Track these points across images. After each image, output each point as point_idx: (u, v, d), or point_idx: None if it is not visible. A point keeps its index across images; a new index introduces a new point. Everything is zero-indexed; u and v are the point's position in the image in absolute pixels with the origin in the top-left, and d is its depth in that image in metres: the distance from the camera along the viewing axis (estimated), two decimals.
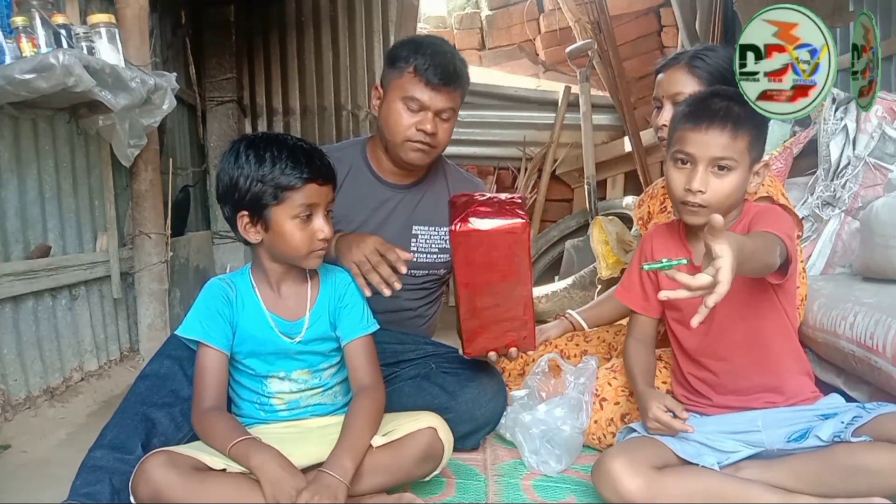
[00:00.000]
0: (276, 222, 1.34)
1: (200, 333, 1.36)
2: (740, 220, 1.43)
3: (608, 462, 1.30)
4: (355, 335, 1.45)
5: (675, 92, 1.74)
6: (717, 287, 1.03)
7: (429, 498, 1.45)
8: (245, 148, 1.34)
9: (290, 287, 1.45)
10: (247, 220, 1.35)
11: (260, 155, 1.32)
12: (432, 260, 1.83)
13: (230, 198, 1.36)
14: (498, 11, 5.72)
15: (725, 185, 1.36)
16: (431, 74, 1.63)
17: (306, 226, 1.35)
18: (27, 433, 1.91)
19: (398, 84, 1.67)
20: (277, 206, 1.33)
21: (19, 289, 2.02)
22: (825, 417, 1.33)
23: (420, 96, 1.65)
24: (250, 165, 1.32)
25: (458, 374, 1.66)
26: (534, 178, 4.84)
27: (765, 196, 1.65)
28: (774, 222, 1.34)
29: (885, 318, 1.60)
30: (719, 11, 4.34)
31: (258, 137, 1.38)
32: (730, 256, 1.03)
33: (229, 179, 1.35)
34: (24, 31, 1.84)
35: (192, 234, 3.35)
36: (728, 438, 1.38)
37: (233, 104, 3.93)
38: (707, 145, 1.35)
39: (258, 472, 1.22)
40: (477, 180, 1.94)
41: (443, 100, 1.67)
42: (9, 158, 2.07)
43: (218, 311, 1.38)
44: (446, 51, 1.69)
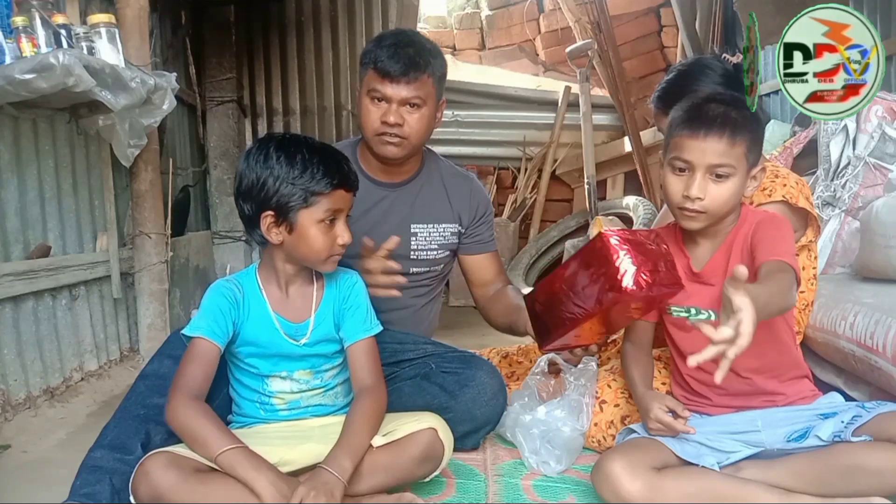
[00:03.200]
0: (302, 225, 1.34)
1: (206, 331, 1.34)
2: (739, 226, 1.42)
3: (608, 464, 1.30)
4: (359, 337, 1.45)
5: None
6: (739, 340, 1.03)
7: (429, 498, 1.45)
8: (276, 149, 1.34)
9: (298, 288, 1.45)
10: (271, 221, 1.35)
11: (291, 157, 1.33)
12: (432, 257, 1.83)
13: (255, 197, 1.35)
14: (498, 11, 5.72)
15: (723, 192, 1.35)
16: (389, 65, 1.65)
17: (329, 230, 1.36)
18: (27, 433, 1.91)
19: (365, 81, 1.70)
20: (305, 209, 1.33)
21: (19, 289, 2.03)
22: (825, 417, 1.33)
23: (381, 88, 1.66)
24: (281, 167, 1.32)
25: (458, 374, 1.65)
26: (534, 178, 4.84)
27: (780, 200, 1.63)
28: (779, 244, 1.32)
29: (884, 318, 1.60)
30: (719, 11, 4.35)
31: (287, 139, 1.38)
32: (750, 310, 1.03)
33: (256, 178, 1.34)
34: (24, 31, 1.84)
35: (192, 234, 3.36)
36: (728, 438, 1.38)
37: (233, 104, 3.94)
38: (704, 152, 1.35)
39: (251, 485, 1.19)
40: (471, 175, 1.93)
41: (405, 89, 1.66)
42: (9, 158, 2.07)
43: (223, 310, 1.37)
44: (406, 41, 1.68)
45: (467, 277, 1.94)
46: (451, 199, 1.84)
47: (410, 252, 1.80)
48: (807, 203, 1.66)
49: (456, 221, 1.85)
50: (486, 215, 1.90)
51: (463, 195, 1.86)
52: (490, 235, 1.92)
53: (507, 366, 2.05)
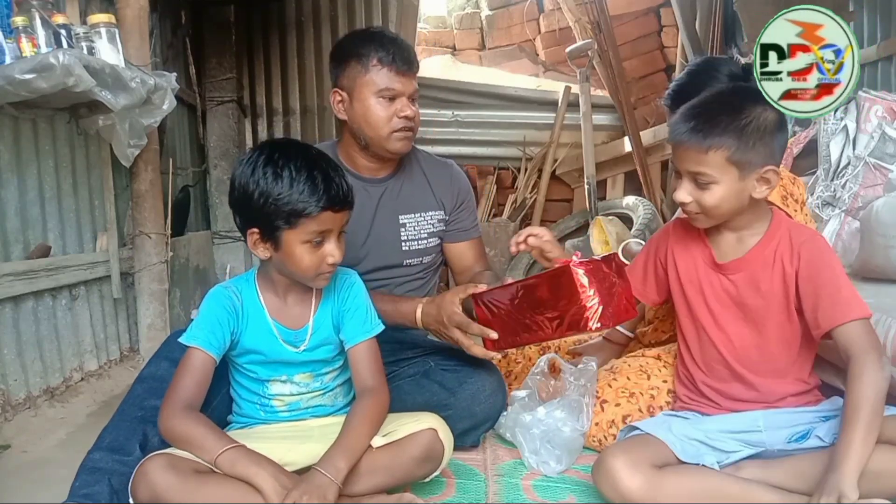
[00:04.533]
0: (287, 244, 1.31)
1: (203, 342, 1.34)
2: (771, 235, 1.39)
3: (609, 460, 1.30)
4: (360, 339, 1.44)
5: None
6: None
7: (429, 498, 1.45)
8: (264, 164, 1.28)
9: (297, 295, 1.44)
10: (257, 237, 1.33)
11: (277, 172, 1.27)
12: (423, 246, 1.85)
13: (241, 210, 1.33)
14: (498, 11, 5.72)
15: (710, 198, 1.34)
16: (399, 62, 1.67)
17: (316, 250, 1.32)
18: (27, 433, 1.91)
19: (366, 80, 1.69)
20: (289, 229, 1.30)
21: (19, 289, 2.03)
22: (826, 419, 1.33)
23: (394, 85, 1.68)
24: (266, 182, 1.27)
25: (457, 371, 1.66)
26: (534, 178, 4.84)
27: None
28: (841, 291, 1.32)
29: (885, 318, 1.60)
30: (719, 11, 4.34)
31: (278, 149, 1.31)
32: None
33: (243, 189, 1.31)
34: (24, 31, 1.84)
35: (192, 234, 3.35)
36: (729, 438, 1.38)
37: (233, 104, 3.93)
38: (682, 160, 1.36)
39: (252, 480, 1.19)
40: (450, 161, 1.95)
41: (411, 83, 1.71)
42: (9, 158, 2.07)
43: (220, 320, 1.36)
44: (397, 37, 1.73)
45: (451, 265, 1.95)
46: (432, 186, 1.86)
47: (402, 244, 1.81)
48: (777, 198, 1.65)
49: (440, 208, 1.86)
50: (467, 202, 1.91)
51: (444, 182, 1.88)
52: (472, 222, 1.93)
53: (504, 365, 2.04)
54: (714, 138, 1.31)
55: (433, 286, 1.96)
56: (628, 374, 1.75)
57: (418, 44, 5.22)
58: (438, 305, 1.60)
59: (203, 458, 1.23)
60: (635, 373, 1.75)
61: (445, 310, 1.57)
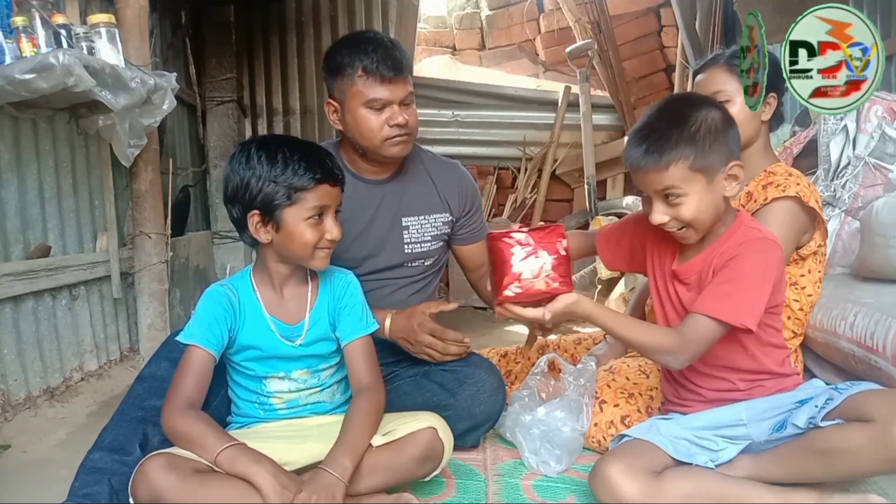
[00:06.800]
0: (288, 222, 1.35)
1: (200, 339, 1.34)
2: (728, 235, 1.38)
3: (605, 467, 1.30)
4: (355, 335, 1.45)
5: (714, 90, 1.72)
6: None
7: (429, 498, 1.45)
8: (257, 149, 1.36)
9: (293, 289, 1.45)
10: (258, 220, 1.36)
11: (272, 156, 1.34)
12: (426, 249, 1.83)
13: (241, 199, 1.37)
14: (498, 11, 5.72)
15: (686, 211, 1.33)
16: (384, 69, 1.62)
17: (317, 226, 1.36)
18: (27, 433, 1.91)
19: (354, 92, 1.65)
20: (290, 206, 1.34)
21: (19, 289, 2.03)
22: (801, 403, 1.32)
23: (380, 95, 1.64)
24: (262, 166, 1.34)
25: (457, 372, 1.66)
26: (534, 178, 4.84)
27: (793, 196, 1.61)
28: (727, 296, 1.30)
29: (884, 318, 1.60)
30: (719, 11, 4.34)
31: (269, 139, 1.39)
32: None
33: (240, 181, 1.35)
34: (24, 31, 1.84)
35: (192, 234, 3.36)
36: (715, 436, 1.38)
37: (233, 104, 3.93)
38: (646, 183, 1.35)
39: (252, 479, 1.19)
40: (455, 162, 1.93)
41: (401, 88, 1.66)
42: (9, 158, 2.07)
43: (217, 318, 1.37)
44: (384, 41, 1.68)
45: (461, 264, 1.95)
46: (438, 188, 1.83)
47: (404, 246, 1.80)
48: (816, 206, 1.65)
49: (446, 210, 1.83)
50: (477, 204, 1.91)
51: (451, 183, 1.85)
52: (481, 223, 1.93)
53: (504, 365, 2.05)
54: (670, 153, 1.30)
55: (434, 288, 1.96)
56: (627, 374, 1.75)
57: (418, 44, 5.22)
58: (408, 315, 1.63)
59: (203, 457, 1.24)
60: (634, 373, 1.75)
61: (416, 318, 1.60)
